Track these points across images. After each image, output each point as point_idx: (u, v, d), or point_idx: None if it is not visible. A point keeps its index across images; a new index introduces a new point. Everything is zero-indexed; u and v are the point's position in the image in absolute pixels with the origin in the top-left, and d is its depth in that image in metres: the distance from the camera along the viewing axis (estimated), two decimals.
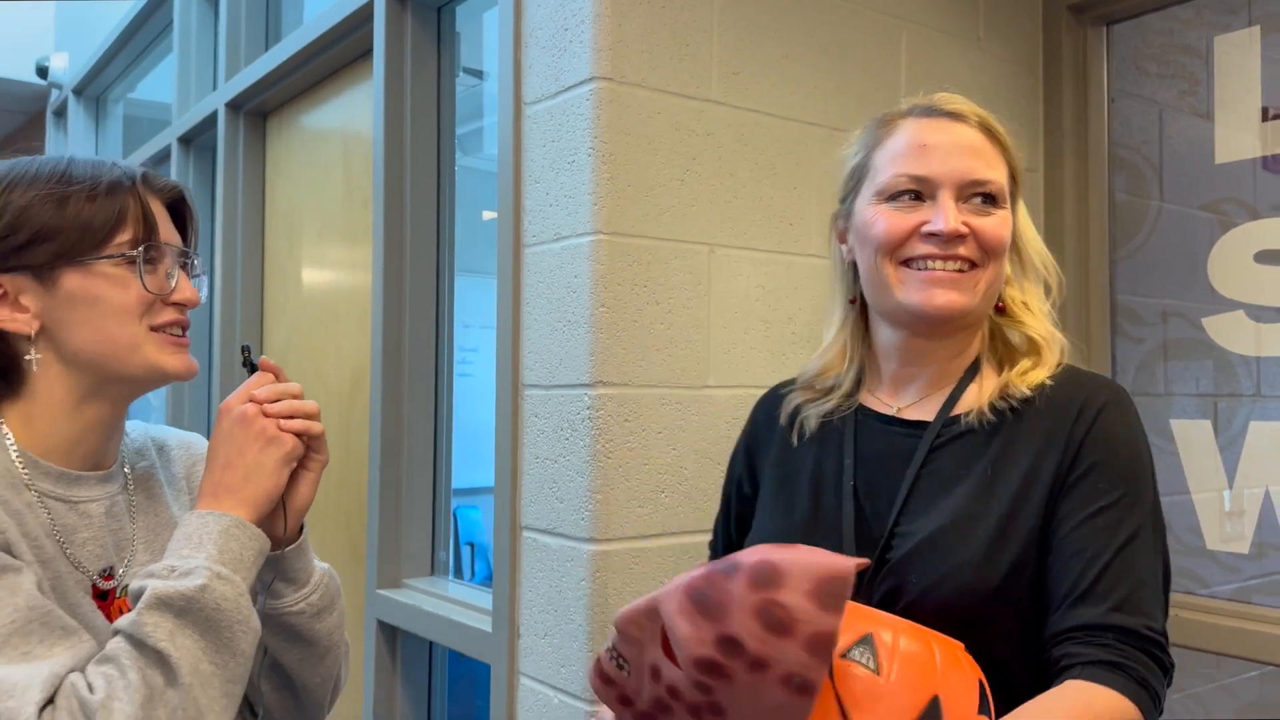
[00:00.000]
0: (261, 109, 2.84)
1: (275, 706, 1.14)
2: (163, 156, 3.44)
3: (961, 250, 1.04)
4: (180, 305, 1.00)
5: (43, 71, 4.70)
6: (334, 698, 1.16)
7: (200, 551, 0.91)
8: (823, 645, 0.77)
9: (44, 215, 0.94)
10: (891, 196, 1.07)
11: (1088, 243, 2.03)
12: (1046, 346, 1.09)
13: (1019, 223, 1.12)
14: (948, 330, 1.08)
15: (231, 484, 0.96)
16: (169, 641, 0.86)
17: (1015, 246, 1.12)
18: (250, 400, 1.01)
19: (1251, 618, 1.76)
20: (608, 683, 0.92)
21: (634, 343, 1.52)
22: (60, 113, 4.71)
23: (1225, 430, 1.89)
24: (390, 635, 2.10)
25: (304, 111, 2.69)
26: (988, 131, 1.09)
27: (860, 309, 1.16)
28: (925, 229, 1.04)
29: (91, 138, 4.54)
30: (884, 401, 1.13)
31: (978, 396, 1.08)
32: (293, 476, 1.03)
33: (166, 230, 1.01)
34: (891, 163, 1.07)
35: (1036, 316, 1.12)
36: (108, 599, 0.99)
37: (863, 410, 1.14)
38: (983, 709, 0.90)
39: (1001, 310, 1.12)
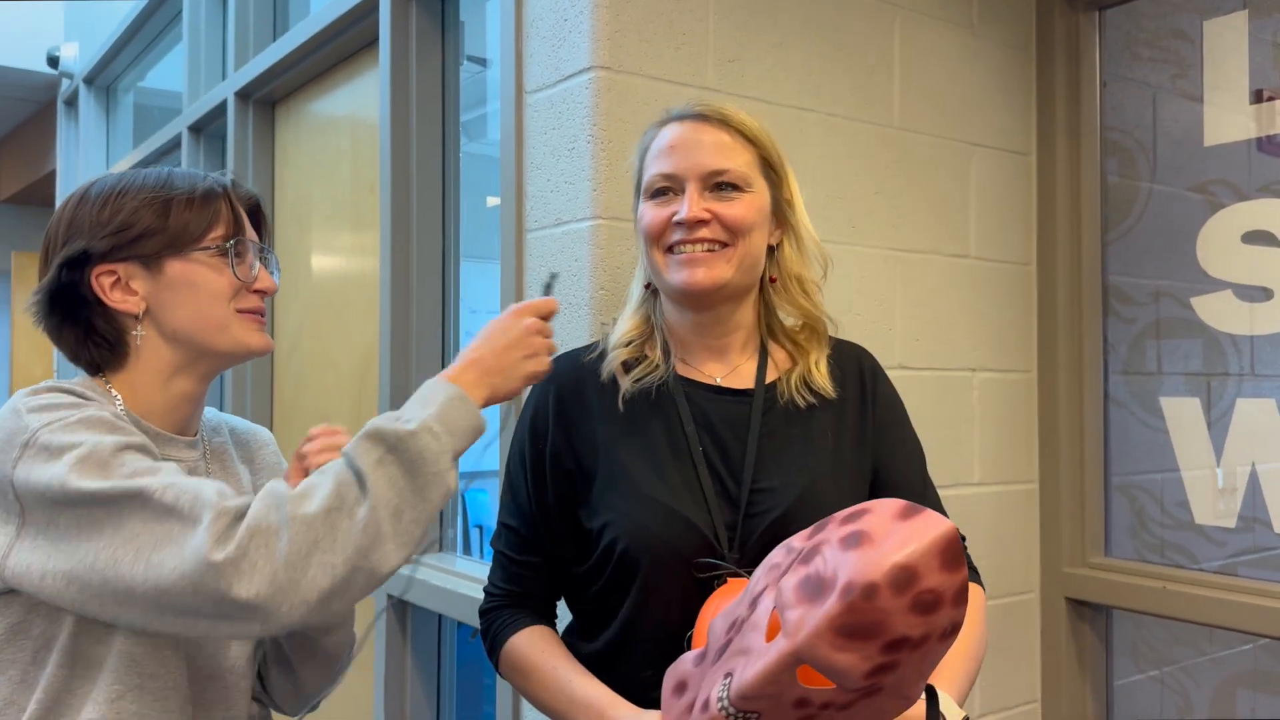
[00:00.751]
0: (270, 98, 2.88)
1: (276, 689, 1.27)
2: (173, 145, 3.49)
3: (705, 233, 1.20)
4: (261, 292, 1.15)
5: (53, 61, 4.75)
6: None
7: (425, 410, 1.01)
8: (964, 595, 0.86)
9: (152, 214, 1.09)
10: (652, 194, 1.24)
11: (1080, 224, 2.07)
12: (818, 324, 1.29)
13: (793, 208, 1.28)
14: (714, 301, 1.24)
15: (484, 365, 1.08)
16: (372, 467, 0.96)
17: (790, 228, 1.28)
18: (542, 320, 1.14)
19: (1240, 590, 1.81)
20: None
21: None
22: (71, 102, 4.76)
23: (1214, 408, 1.93)
24: (400, 610, 2.16)
25: (312, 100, 2.74)
26: (731, 129, 1.23)
27: (655, 289, 1.31)
28: (674, 218, 1.21)
29: (102, 127, 4.60)
30: (701, 372, 1.27)
31: (779, 364, 1.28)
32: None
33: (249, 229, 1.16)
34: (651, 164, 1.25)
35: (808, 294, 1.29)
36: None
37: (685, 380, 1.26)
38: None
39: (775, 281, 1.29)
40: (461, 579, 1.99)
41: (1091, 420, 2.05)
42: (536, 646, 1.22)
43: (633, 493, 1.18)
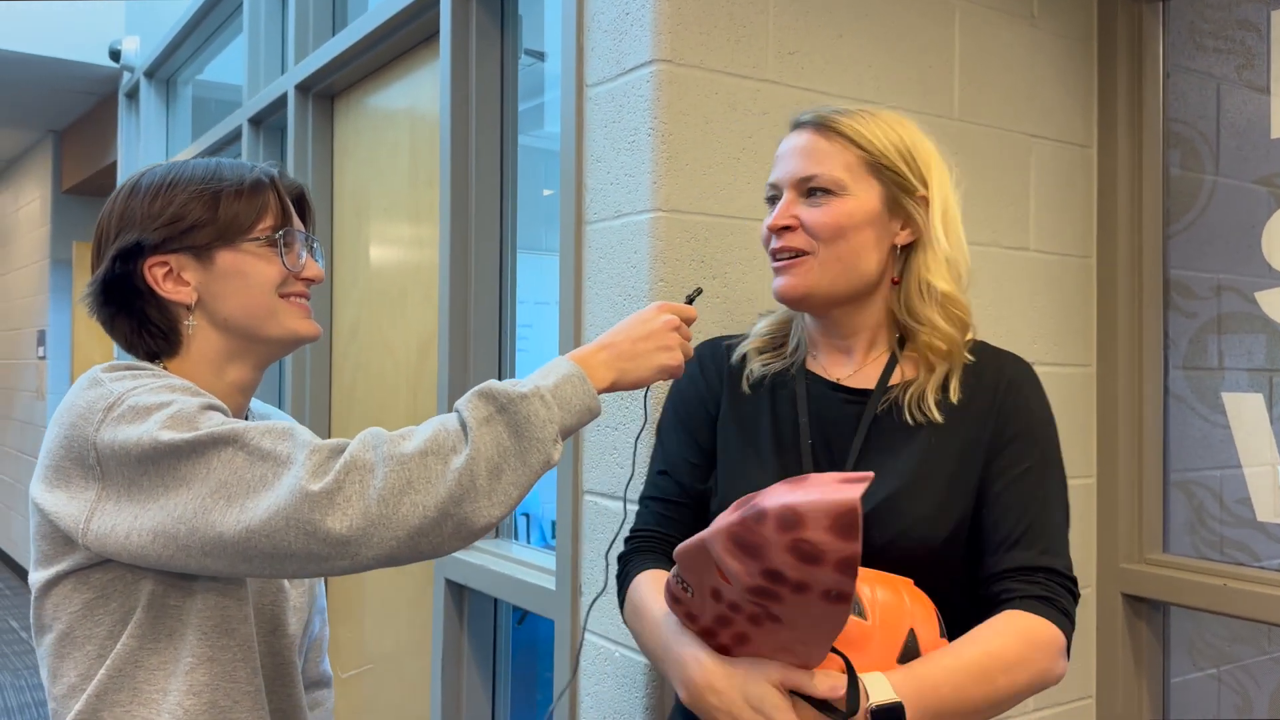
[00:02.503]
0: (329, 91, 2.93)
1: None
2: (234, 137, 3.55)
3: (789, 240, 1.22)
4: (309, 280, 1.17)
5: (115, 55, 4.84)
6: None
7: (543, 380, 1.04)
8: (849, 566, 0.90)
9: (202, 206, 1.11)
10: (768, 201, 1.28)
11: (1141, 217, 2.04)
12: (945, 337, 1.23)
13: (927, 208, 1.23)
14: (813, 307, 1.26)
15: (618, 349, 1.11)
16: (479, 422, 0.98)
17: (916, 228, 1.24)
18: (682, 321, 1.17)
19: None
20: (676, 602, 1.07)
21: None
22: (132, 95, 4.86)
23: (1278, 404, 1.90)
24: (458, 593, 2.20)
25: (371, 93, 2.78)
26: (823, 129, 1.23)
27: None
28: (769, 225, 1.24)
29: (162, 119, 4.69)
30: (827, 370, 1.29)
31: (911, 369, 1.25)
32: None
33: (296, 219, 1.18)
34: (771, 173, 1.29)
35: (941, 304, 1.23)
36: None
37: (810, 375, 1.29)
38: (942, 634, 1.12)
39: (896, 284, 1.26)
40: (516, 564, 2.02)
41: (1151, 415, 2.03)
42: (654, 589, 1.20)
43: (736, 473, 1.25)
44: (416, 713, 2.45)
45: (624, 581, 1.28)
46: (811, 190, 1.22)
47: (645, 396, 1.34)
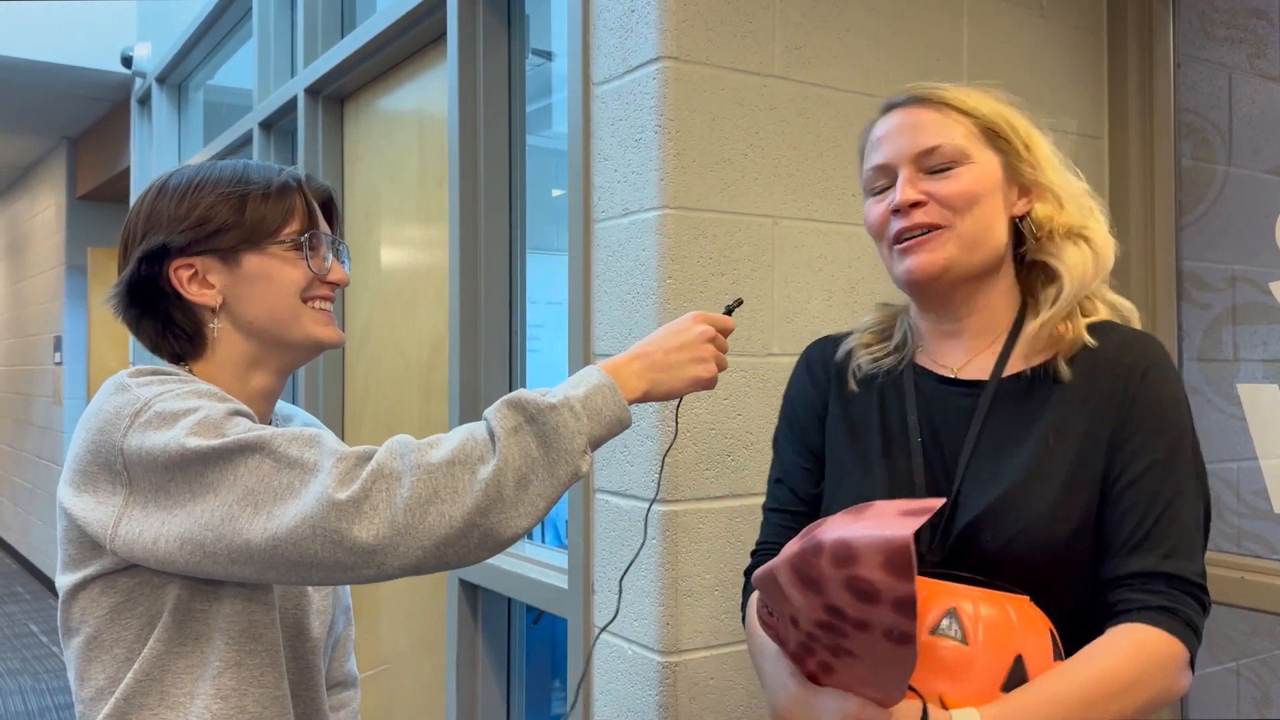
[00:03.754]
0: (339, 94, 2.94)
1: None
2: (244, 141, 3.57)
3: (921, 216, 1.13)
4: (334, 284, 1.16)
5: (127, 61, 4.87)
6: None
7: (572, 390, 1.02)
8: (907, 606, 0.85)
9: (228, 209, 1.10)
10: (872, 191, 1.20)
11: (1153, 208, 2.03)
12: (1070, 278, 1.14)
13: (1042, 169, 1.17)
14: (944, 286, 1.16)
15: (651, 359, 1.09)
16: (507, 432, 0.97)
17: (1043, 189, 1.17)
18: (717, 332, 1.14)
19: None
20: (766, 626, 1.04)
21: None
22: (144, 100, 4.89)
23: None
24: (471, 593, 2.21)
25: (380, 96, 2.79)
26: (928, 103, 1.18)
27: None
28: (890, 207, 1.15)
29: (174, 124, 4.71)
30: (937, 363, 1.21)
31: (1027, 356, 1.15)
32: None
33: (322, 222, 1.17)
34: (867, 161, 1.22)
35: (1080, 249, 1.16)
36: None
37: (918, 369, 1.21)
38: (1056, 656, 1.01)
39: (1039, 240, 1.17)
40: (530, 563, 2.02)
41: None
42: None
43: (841, 477, 1.20)
44: (432, 712, 2.46)
45: (745, 595, 1.27)
46: (933, 164, 1.14)
47: (677, 409, 1.30)
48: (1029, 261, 1.19)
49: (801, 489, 1.25)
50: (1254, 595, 1.83)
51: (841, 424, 1.24)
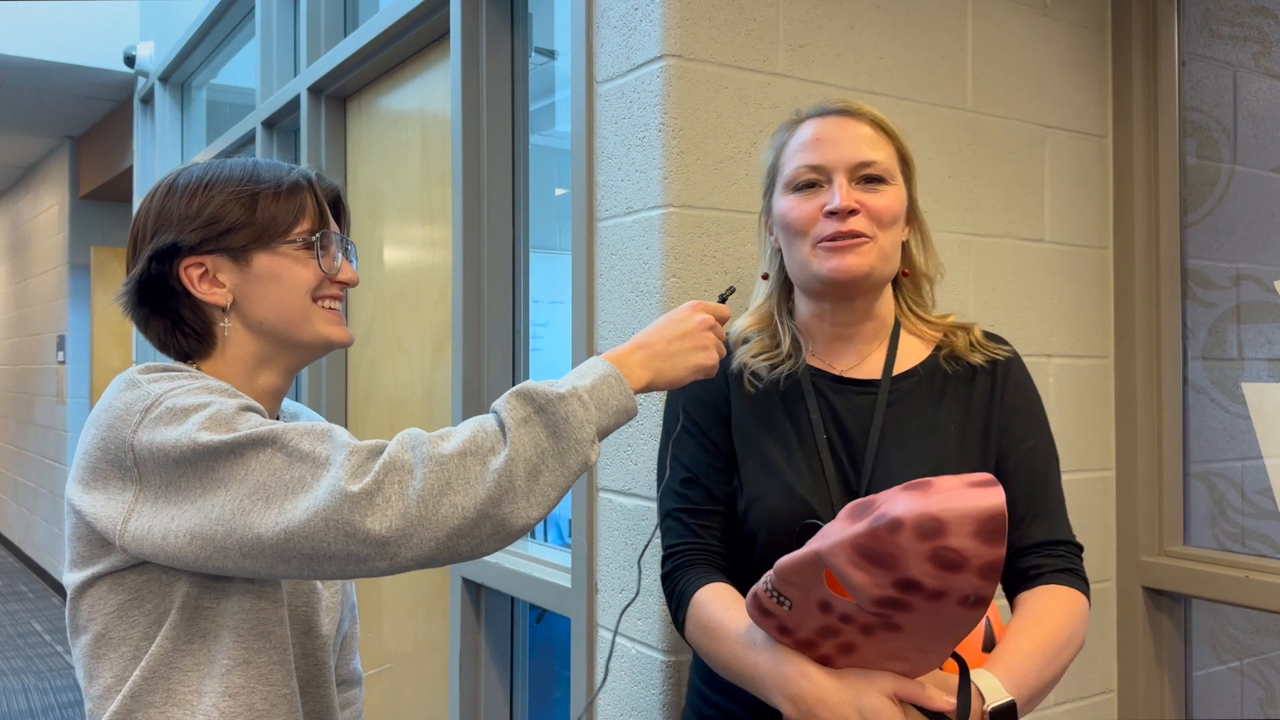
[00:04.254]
0: (342, 93, 2.94)
1: None
2: (247, 140, 3.57)
3: (855, 223, 1.22)
4: (344, 284, 1.17)
5: (130, 60, 4.87)
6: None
7: (579, 381, 1.03)
8: (994, 570, 0.90)
9: (239, 208, 1.10)
10: (798, 187, 1.26)
11: (1158, 207, 2.03)
12: (954, 314, 1.34)
13: (918, 207, 1.31)
14: (858, 291, 1.26)
15: (653, 349, 1.10)
16: (517, 423, 0.98)
17: (917, 223, 1.32)
18: (715, 320, 1.16)
19: None
20: (766, 615, 1.05)
21: None
22: (147, 100, 4.89)
23: None
24: (475, 592, 2.21)
25: (383, 94, 2.78)
26: (874, 124, 1.27)
27: (783, 285, 1.34)
28: (826, 208, 1.22)
29: (177, 123, 4.72)
30: (829, 364, 1.31)
31: (911, 356, 1.30)
32: None
33: (332, 222, 1.18)
34: (794, 157, 1.27)
35: (933, 287, 1.34)
36: None
37: (813, 371, 1.30)
38: (988, 645, 1.13)
39: (907, 275, 1.33)
40: (533, 562, 2.02)
41: (1170, 407, 2.02)
42: (721, 603, 1.19)
43: (765, 472, 1.25)
44: (435, 711, 2.46)
45: (679, 600, 1.25)
46: (868, 178, 1.23)
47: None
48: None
49: (716, 487, 1.28)
50: (1258, 594, 1.83)
51: (752, 422, 1.28)
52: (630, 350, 1.09)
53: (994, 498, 0.88)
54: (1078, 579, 1.23)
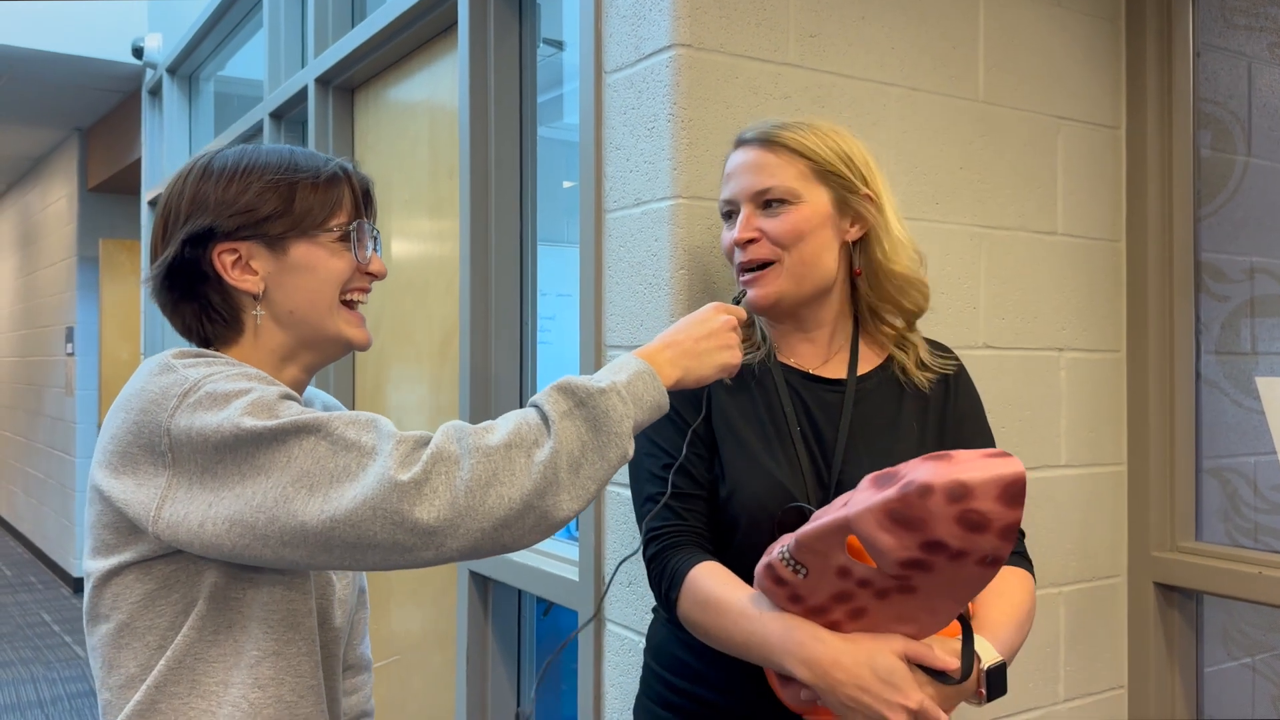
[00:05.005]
0: (349, 84, 2.93)
1: None
2: (255, 131, 3.57)
3: (756, 251, 1.30)
4: (374, 275, 1.16)
5: (138, 52, 4.87)
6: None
7: (615, 376, 1.04)
8: (1012, 531, 0.98)
9: (278, 197, 1.10)
10: (724, 217, 1.37)
11: (1171, 199, 2.01)
12: (913, 318, 1.38)
13: (876, 204, 1.33)
14: (781, 313, 1.35)
15: (682, 347, 1.12)
16: (560, 416, 0.99)
17: (874, 224, 1.34)
18: (737, 321, 1.19)
19: None
20: (780, 584, 1.10)
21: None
22: (155, 91, 4.89)
23: None
24: (482, 585, 2.20)
25: (390, 85, 2.78)
26: (774, 145, 1.32)
27: None
28: (734, 240, 1.32)
29: (185, 115, 4.72)
30: (799, 362, 1.37)
31: (872, 357, 1.38)
32: None
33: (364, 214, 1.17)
34: (722, 188, 1.37)
35: (903, 290, 1.35)
36: None
37: (785, 368, 1.36)
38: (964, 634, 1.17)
39: (859, 274, 1.36)
40: (540, 555, 2.01)
41: (1182, 401, 2.00)
42: (719, 579, 1.21)
43: (747, 457, 1.29)
44: (442, 703, 2.45)
45: (672, 580, 1.25)
46: (768, 202, 1.30)
47: (700, 397, 1.33)
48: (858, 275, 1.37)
49: (699, 473, 1.31)
50: (1271, 590, 1.81)
51: (733, 410, 1.33)
52: (660, 348, 1.11)
53: (1014, 466, 0.96)
54: (1025, 560, 1.34)
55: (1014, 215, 1.90)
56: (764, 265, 1.30)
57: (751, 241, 1.30)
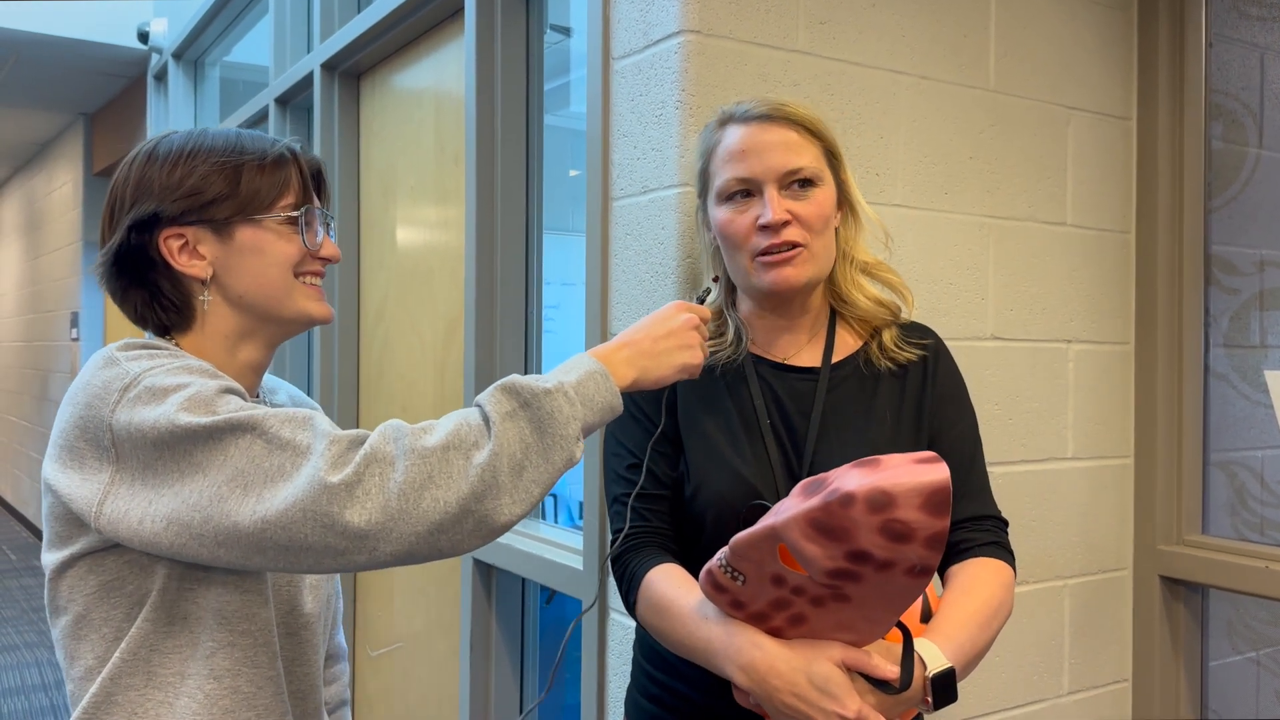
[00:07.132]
0: (355, 70, 2.92)
1: None
2: (260, 117, 3.55)
3: (788, 234, 1.24)
4: (326, 260, 1.14)
5: (143, 36, 4.86)
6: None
7: (564, 376, 1.02)
8: (939, 541, 0.94)
9: (223, 180, 1.07)
10: (728, 197, 1.28)
11: (1181, 191, 1.99)
12: (883, 305, 1.35)
13: (850, 188, 1.33)
14: (800, 297, 1.31)
15: (639, 347, 1.10)
16: (502, 418, 0.96)
17: (849, 208, 1.34)
18: (700, 320, 1.16)
19: None
20: (719, 591, 1.08)
21: None
22: (160, 77, 4.88)
23: None
24: (486, 573, 2.20)
25: (396, 71, 2.76)
26: (794, 123, 1.27)
27: (729, 280, 1.36)
28: (759, 222, 1.25)
29: (190, 100, 4.70)
30: (769, 352, 1.34)
31: (849, 343, 1.35)
32: None
33: (314, 196, 1.15)
34: (725, 167, 1.28)
35: (871, 275, 1.36)
36: None
37: (756, 359, 1.33)
38: (925, 616, 1.18)
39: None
40: (544, 544, 2.01)
41: (1190, 394, 1.99)
42: (672, 582, 1.20)
43: (711, 457, 1.27)
44: (446, 691, 2.46)
45: (630, 582, 1.26)
46: (793, 183, 1.25)
47: (664, 396, 1.31)
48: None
49: (661, 472, 1.30)
50: (1277, 585, 1.81)
51: (698, 407, 1.30)
52: (616, 348, 1.08)
53: (939, 473, 0.93)
54: (1004, 551, 1.29)
55: (1024, 206, 1.89)
56: (794, 247, 1.25)
57: (786, 224, 1.24)
